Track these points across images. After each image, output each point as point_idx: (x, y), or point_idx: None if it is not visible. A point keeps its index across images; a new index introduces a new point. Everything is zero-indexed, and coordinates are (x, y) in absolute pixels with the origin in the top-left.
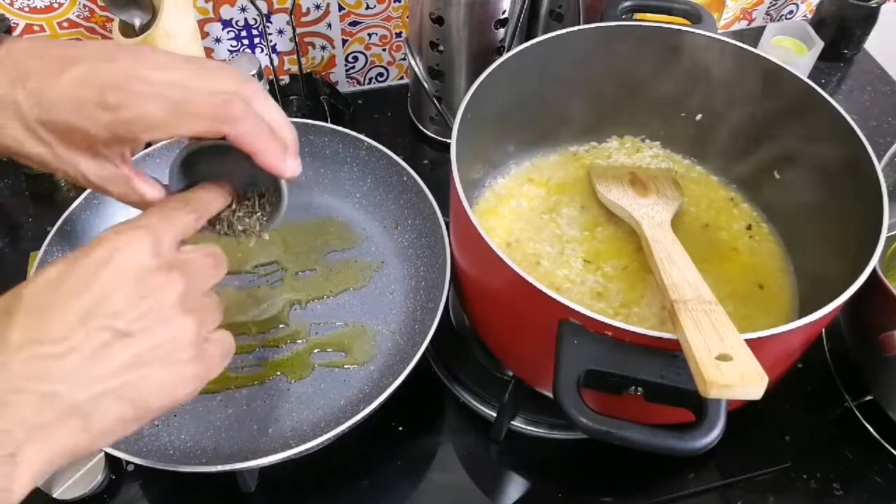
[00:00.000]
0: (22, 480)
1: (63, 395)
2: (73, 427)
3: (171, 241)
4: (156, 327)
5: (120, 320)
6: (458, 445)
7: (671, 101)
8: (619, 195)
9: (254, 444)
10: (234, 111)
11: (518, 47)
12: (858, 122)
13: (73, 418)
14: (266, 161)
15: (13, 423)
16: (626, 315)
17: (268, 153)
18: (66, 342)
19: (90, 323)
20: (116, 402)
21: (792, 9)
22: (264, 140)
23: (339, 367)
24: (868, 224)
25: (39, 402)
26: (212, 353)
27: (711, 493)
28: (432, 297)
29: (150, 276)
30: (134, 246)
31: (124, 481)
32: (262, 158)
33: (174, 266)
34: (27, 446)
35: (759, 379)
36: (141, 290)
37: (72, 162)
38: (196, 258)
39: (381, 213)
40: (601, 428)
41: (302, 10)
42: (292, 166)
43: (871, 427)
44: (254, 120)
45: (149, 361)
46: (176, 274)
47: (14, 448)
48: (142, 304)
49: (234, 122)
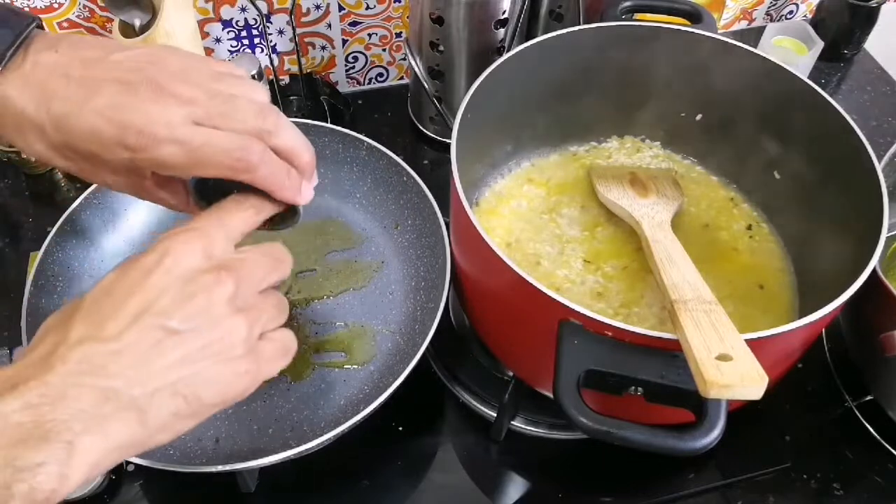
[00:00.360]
0: (78, 467)
1: (119, 390)
2: (130, 421)
3: (223, 242)
4: (206, 326)
5: (171, 319)
6: (458, 445)
7: (671, 101)
8: (619, 195)
9: (254, 444)
10: (251, 160)
11: (518, 47)
12: (858, 122)
13: (130, 412)
14: (283, 197)
15: (70, 415)
16: (626, 315)
17: (283, 192)
18: (120, 340)
19: (142, 322)
20: (171, 397)
21: (792, 9)
22: (280, 182)
23: (339, 367)
24: (868, 224)
25: (97, 396)
26: (267, 351)
27: (711, 493)
28: (432, 297)
29: (199, 276)
30: (184, 248)
31: (124, 481)
32: (279, 195)
33: (225, 266)
34: (85, 436)
35: (759, 379)
36: (190, 290)
37: (96, 177)
38: (250, 258)
39: (381, 213)
40: (601, 428)
41: (302, 10)
42: (307, 194)
43: (871, 427)
44: (270, 166)
45: (200, 359)
46: (225, 274)
47: (72, 437)
48: (191, 304)
49: (251, 170)
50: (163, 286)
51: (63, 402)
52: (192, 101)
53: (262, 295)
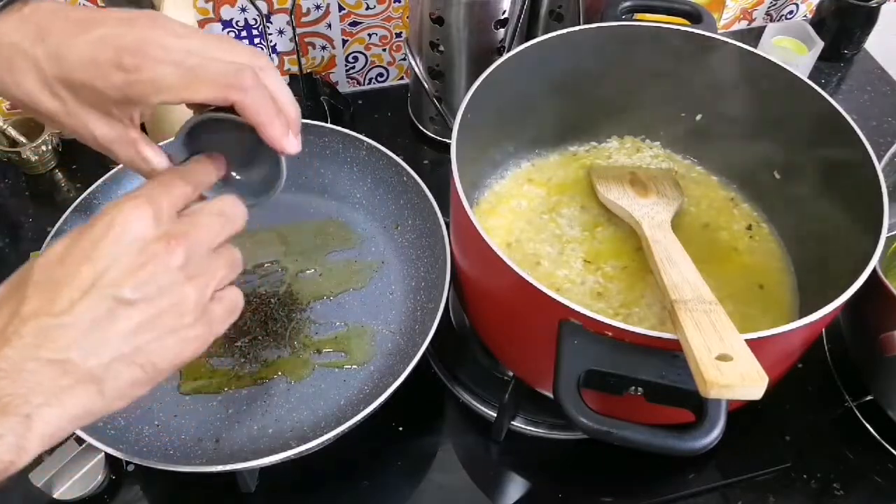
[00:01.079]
0: (35, 439)
1: (76, 362)
2: (87, 392)
3: (169, 210)
4: (157, 295)
5: (122, 289)
6: (458, 445)
7: (671, 101)
8: (619, 195)
9: (254, 444)
10: (244, 80)
11: (518, 47)
12: (858, 122)
13: (88, 384)
14: (269, 134)
15: (29, 388)
16: (626, 315)
17: (272, 127)
18: (72, 312)
19: (93, 293)
20: (127, 367)
21: (792, 9)
22: (270, 113)
23: (339, 367)
24: (868, 224)
25: (54, 369)
26: (217, 313)
27: (711, 493)
28: (432, 297)
29: (149, 245)
30: (132, 215)
31: (124, 481)
32: (266, 131)
33: (174, 234)
34: (43, 409)
35: (759, 379)
36: (140, 259)
37: (83, 120)
38: (201, 220)
39: (381, 213)
40: (601, 428)
41: (302, 11)
42: (293, 143)
43: (871, 427)
44: (262, 92)
45: (153, 328)
46: (174, 242)
47: (30, 410)
48: (142, 273)
49: (243, 90)
50: (113, 256)
51: (20, 376)
52: (187, 36)
53: (215, 254)
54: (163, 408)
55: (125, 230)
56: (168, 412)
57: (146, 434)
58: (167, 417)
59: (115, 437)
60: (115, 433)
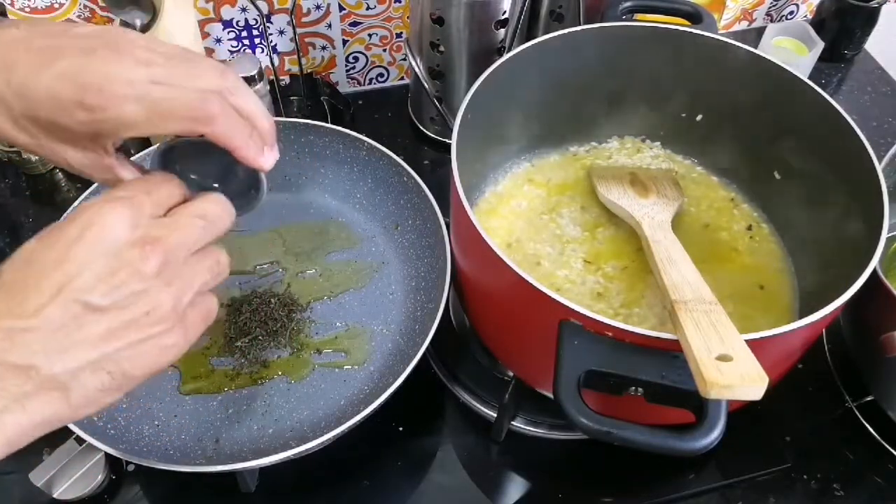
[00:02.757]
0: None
1: (40, 368)
2: (52, 399)
3: (151, 212)
4: (130, 302)
5: (91, 295)
6: (458, 445)
7: (671, 102)
8: (620, 195)
9: (254, 444)
10: (211, 111)
11: (518, 48)
12: (858, 122)
13: (52, 391)
14: (244, 157)
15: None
16: (626, 315)
17: (246, 149)
18: (39, 317)
19: (61, 298)
20: (94, 374)
21: (792, 9)
22: (242, 137)
23: (339, 367)
24: (868, 224)
25: (18, 375)
26: (192, 320)
27: (712, 493)
28: (432, 298)
29: (125, 250)
30: (109, 218)
31: (124, 481)
32: (240, 153)
33: (151, 239)
34: (5, 415)
35: (760, 379)
36: (113, 264)
37: (56, 151)
38: (181, 223)
39: (381, 213)
40: (601, 428)
41: (302, 11)
42: (269, 159)
43: (871, 427)
44: (231, 119)
45: (124, 335)
46: (150, 248)
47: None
48: (113, 279)
49: (211, 121)
50: (85, 260)
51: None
52: (151, 63)
53: (196, 258)
54: (163, 408)
55: (101, 234)
56: (168, 412)
57: (146, 434)
58: (167, 417)
59: (115, 436)
60: (115, 433)
